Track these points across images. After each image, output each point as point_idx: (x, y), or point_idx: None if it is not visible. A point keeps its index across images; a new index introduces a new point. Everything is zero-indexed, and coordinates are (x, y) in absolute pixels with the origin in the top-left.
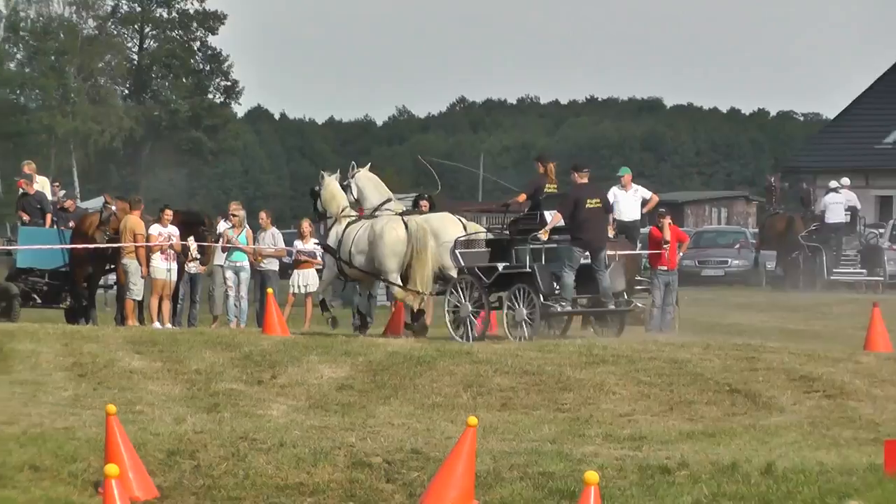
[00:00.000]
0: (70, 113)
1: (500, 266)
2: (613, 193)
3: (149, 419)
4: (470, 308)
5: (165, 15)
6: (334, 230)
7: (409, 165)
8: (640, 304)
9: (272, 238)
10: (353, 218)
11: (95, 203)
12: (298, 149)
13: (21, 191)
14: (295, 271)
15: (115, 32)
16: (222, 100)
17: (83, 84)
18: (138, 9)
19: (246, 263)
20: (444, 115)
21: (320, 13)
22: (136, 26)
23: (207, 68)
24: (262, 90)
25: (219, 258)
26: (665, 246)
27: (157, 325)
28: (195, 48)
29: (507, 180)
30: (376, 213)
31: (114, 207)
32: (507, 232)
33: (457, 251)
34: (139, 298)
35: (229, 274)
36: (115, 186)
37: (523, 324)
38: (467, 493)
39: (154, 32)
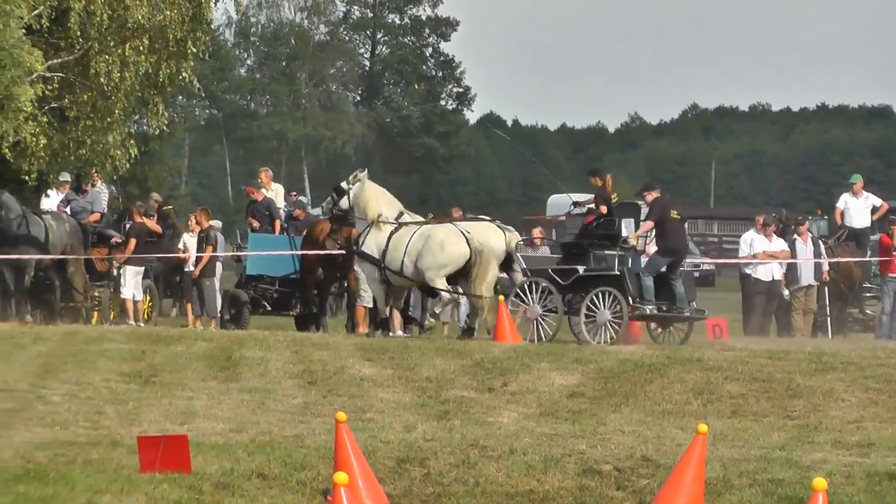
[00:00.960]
0: (301, 119)
1: (581, 269)
2: (844, 200)
3: (379, 427)
4: (539, 310)
5: (398, 21)
6: (373, 237)
7: (640, 172)
8: (869, 311)
9: None
10: (395, 226)
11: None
12: (531, 155)
13: (249, 198)
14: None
15: (347, 38)
16: (454, 106)
17: (314, 90)
18: (370, 14)
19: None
20: (675, 122)
21: (553, 20)
22: (367, 32)
23: (439, 74)
24: (495, 97)
25: None
26: (895, 253)
27: (390, 333)
28: (427, 54)
29: (739, 187)
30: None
31: None
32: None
33: (519, 255)
34: (370, 305)
35: None
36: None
37: (607, 325)
38: (697, 500)
39: (386, 38)
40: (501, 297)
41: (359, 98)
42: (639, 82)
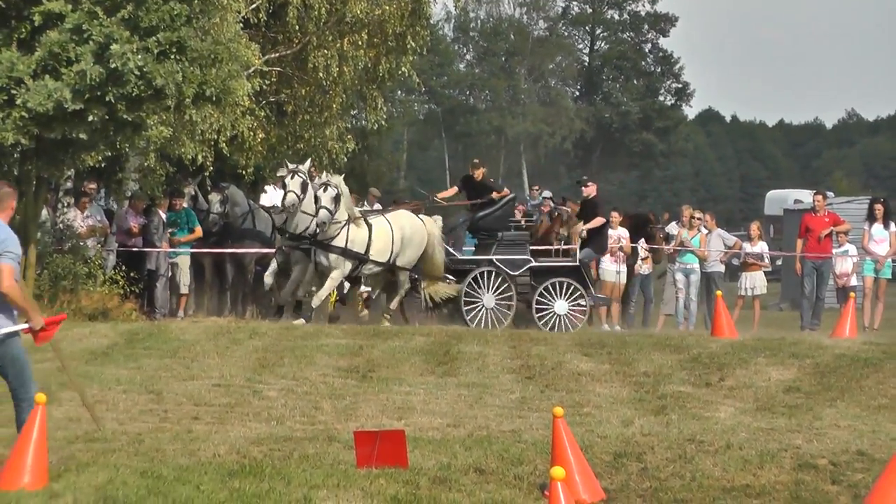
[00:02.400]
0: (520, 114)
1: (535, 260)
2: None
3: (596, 421)
4: (494, 301)
5: (616, 16)
6: (361, 232)
7: (858, 168)
8: None
9: (718, 239)
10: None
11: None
12: (749, 151)
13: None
14: (743, 273)
15: (566, 34)
16: (673, 102)
17: (533, 85)
18: (589, 10)
19: (696, 265)
20: (893, 118)
21: (771, 16)
22: (586, 28)
23: (658, 70)
24: (713, 92)
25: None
26: None
27: (605, 326)
28: (646, 50)
29: None
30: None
31: (567, 209)
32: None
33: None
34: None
35: (679, 276)
36: (566, 188)
37: (567, 316)
38: None
39: (605, 34)
40: (719, 292)
41: (577, 93)
42: (855, 79)
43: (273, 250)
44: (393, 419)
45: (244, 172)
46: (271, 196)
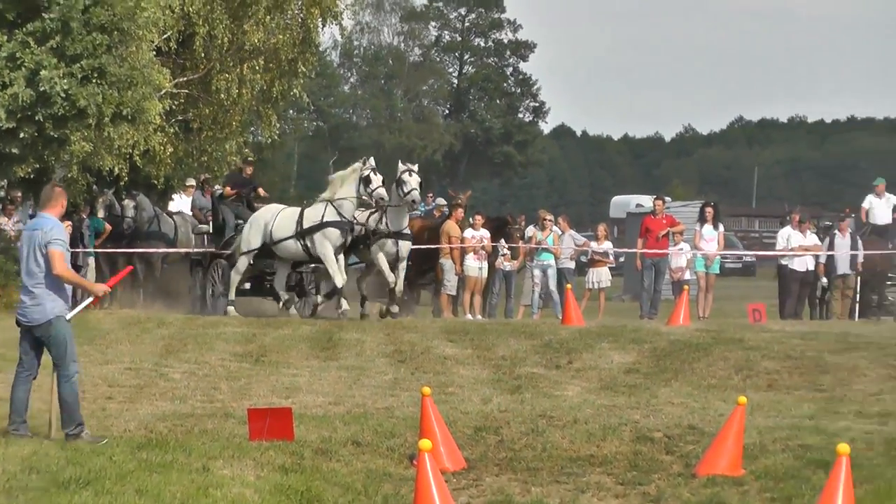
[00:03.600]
0: (397, 130)
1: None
2: (869, 200)
3: (459, 399)
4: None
5: (482, 44)
6: None
7: (693, 176)
8: (891, 298)
9: (570, 239)
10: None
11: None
12: (597, 161)
13: None
14: (590, 269)
15: (438, 59)
16: (531, 119)
17: (409, 104)
18: (458, 38)
19: (553, 262)
20: (723, 132)
21: (617, 42)
22: (456, 54)
23: (518, 91)
24: (566, 110)
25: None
26: None
27: (468, 316)
28: (508, 73)
29: (778, 189)
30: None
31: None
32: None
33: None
34: (453, 293)
35: (537, 272)
36: (437, 195)
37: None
38: (736, 463)
39: (472, 59)
40: (569, 286)
41: (447, 112)
42: (692, 97)
43: (177, 250)
44: (281, 398)
45: (156, 182)
46: (178, 203)
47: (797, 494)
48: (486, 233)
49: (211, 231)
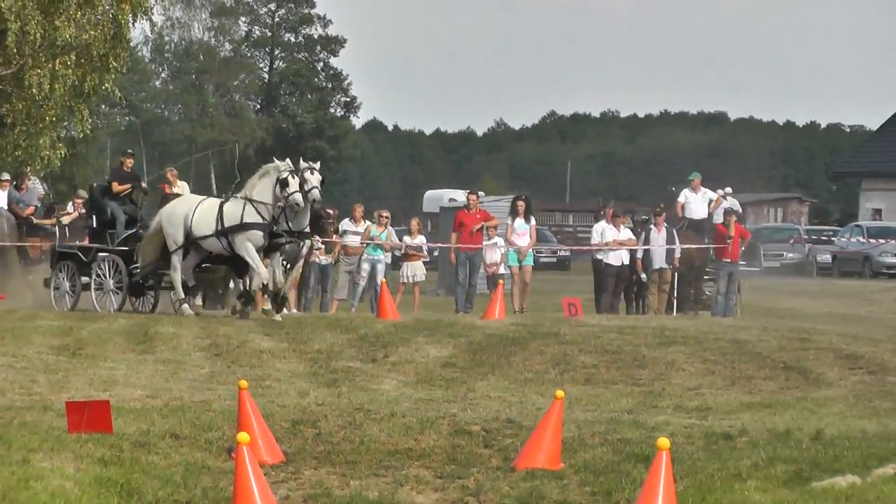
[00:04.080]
0: (208, 125)
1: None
2: (684, 195)
3: (276, 393)
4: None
5: (293, 39)
6: None
7: (505, 171)
8: (707, 292)
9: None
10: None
11: None
12: (409, 156)
13: (162, 193)
14: (405, 263)
15: (249, 54)
16: (342, 114)
17: (220, 99)
18: (269, 34)
19: (382, 257)
20: (536, 127)
21: (430, 37)
22: (266, 49)
23: (329, 86)
24: (378, 105)
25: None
26: (729, 241)
27: (284, 310)
28: (318, 68)
29: (591, 184)
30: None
31: None
32: None
33: None
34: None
35: (365, 266)
36: None
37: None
38: (554, 457)
39: (283, 55)
40: (384, 280)
41: (259, 106)
42: (504, 91)
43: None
44: (99, 391)
45: None
46: None
47: (617, 488)
48: None
49: (94, 226)
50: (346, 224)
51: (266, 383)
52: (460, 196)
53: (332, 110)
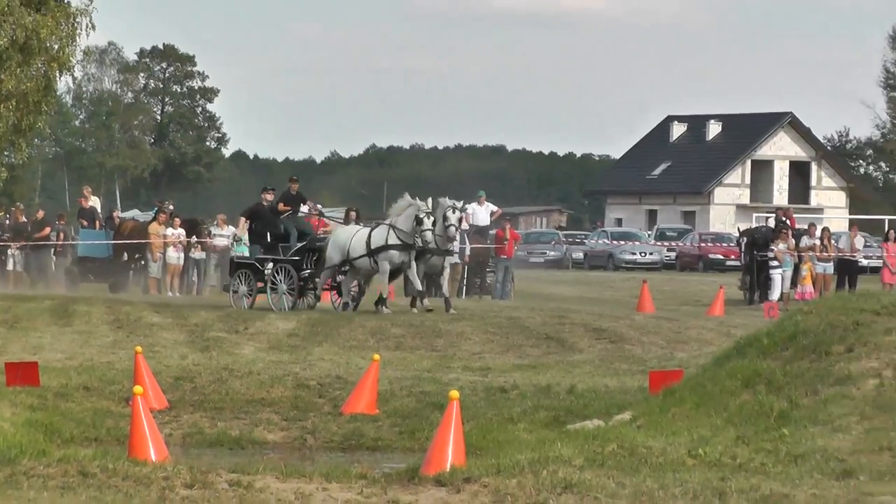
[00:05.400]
0: (115, 154)
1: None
2: (472, 207)
3: (163, 356)
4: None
5: (179, 89)
6: None
7: (338, 190)
8: (489, 281)
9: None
10: None
11: (130, 214)
12: (265, 178)
13: (80, 206)
14: None
15: (146, 101)
16: (215, 146)
17: (123, 135)
18: (161, 85)
19: (246, 253)
20: (361, 156)
21: (283, 89)
22: (159, 97)
23: (206, 125)
24: (243, 139)
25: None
26: (505, 242)
27: (170, 294)
28: (198, 111)
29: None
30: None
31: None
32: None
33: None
34: (158, 276)
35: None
36: (145, 203)
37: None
38: (372, 405)
39: (171, 101)
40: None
41: (153, 140)
42: (337, 127)
43: None
44: (30, 355)
45: None
46: None
47: (419, 428)
48: (182, 231)
49: (269, 240)
50: (214, 229)
51: (155, 349)
52: (304, 208)
53: (207, 143)
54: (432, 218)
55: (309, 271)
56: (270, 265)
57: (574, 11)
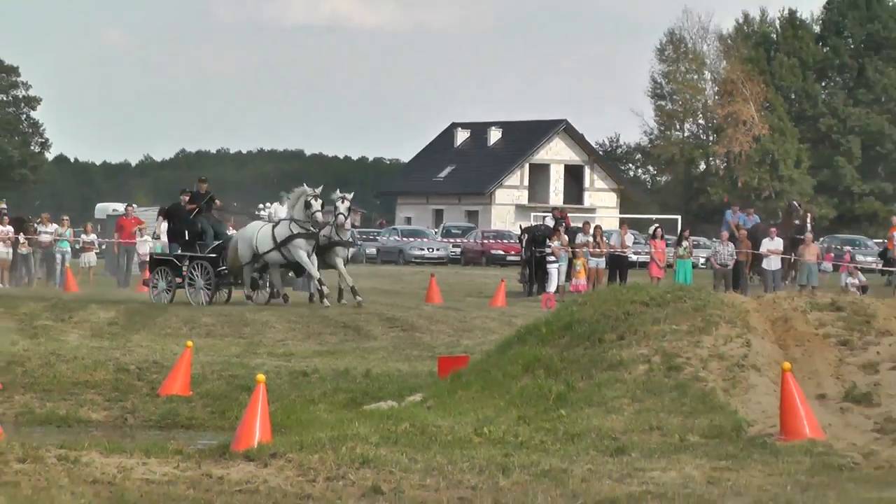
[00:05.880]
0: None
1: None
2: (275, 207)
3: None
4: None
5: (4, 98)
6: None
7: (151, 190)
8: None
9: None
10: None
11: None
12: (85, 180)
13: None
14: (82, 253)
15: None
16: (39, 150)
17: None
18: None
19: (67, 248)
20: (172, 159)
21: (99, 96)
22: None
23: (30, 130)
24: (65, 143)
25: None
26: None
27: (1, 286)
28: (22, 118)
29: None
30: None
31: None
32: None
33: None
34: None
35: (57, 255)
36: None
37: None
38: (186, 387)
39: None
40: (69, 266)
41: None
42: (149, 132)
43: None
44: None
45: None
46: None
47: (229, 409)
48: (11, 228)
49: (188, 236)
50: (39, 226)
51: None
52: (120, 207)
53: (32, 147)
54: (320, 200)
55: (224, 268)
56: (187, 262)
57: (367, 26)
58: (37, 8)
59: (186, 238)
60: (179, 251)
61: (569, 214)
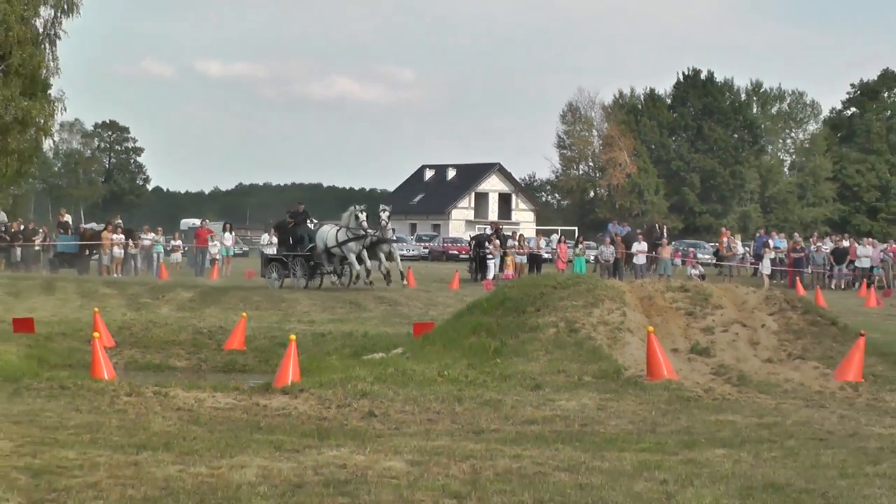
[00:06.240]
0: (79, 188)
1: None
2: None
3: (111, 314)
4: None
5: (119, 148)
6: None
7: (219, 211)
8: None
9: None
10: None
11: (90, 225)
12: (173, 204)
13: (59, 220)
14: (172, 254)
15: (99, 155)
16: (142, 183)
17: (85, 177)
18: (108, 146)
19: (162, 250)
20: (232, 189)
21: (189, 147)
22: (107, 153)
23: (136, 171)
24: (160, 177)
25: None
26: None
27: (115, 276)
28: (131, 162)
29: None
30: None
31: None
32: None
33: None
34: (108, 264)
35: (154, 255)
36: (99, 219)
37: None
38: (242, 343)
39: (114, 156)
40: None
41: (103, 180)
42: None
43: None
44: (28, 313)
45: None
46: None
47: (272, 358)
48: (122, 236)
49: (291, 242)
50: (142, 235)
51: (107, 310)
52: (197, 222)
53: (137, 181)
54: (365, 213)
55: (315, 262)
56: (290, 259)
57: (366, 100)
58: (143, 88)
59: (290, 243)
60: (285, 252)
61: (501, 227)
